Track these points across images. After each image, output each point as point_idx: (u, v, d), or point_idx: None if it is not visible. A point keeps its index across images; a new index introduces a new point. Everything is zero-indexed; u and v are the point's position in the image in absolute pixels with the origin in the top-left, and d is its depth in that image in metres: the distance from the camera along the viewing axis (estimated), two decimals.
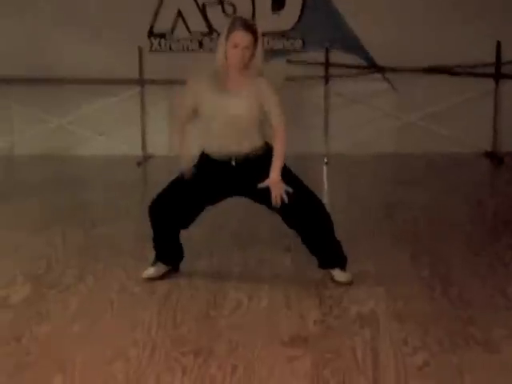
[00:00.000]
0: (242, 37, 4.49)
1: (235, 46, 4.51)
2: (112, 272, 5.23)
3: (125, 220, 6.57)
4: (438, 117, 9.46)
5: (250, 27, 4.53)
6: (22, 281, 5.08)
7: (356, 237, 6.01)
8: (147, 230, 5.00)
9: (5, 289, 4.93)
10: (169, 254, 5.11)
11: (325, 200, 7.61)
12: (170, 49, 9.60)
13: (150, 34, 9.58)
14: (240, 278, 5.08)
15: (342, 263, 5.01)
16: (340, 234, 6.07)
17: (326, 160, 9.04)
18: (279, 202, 4.64)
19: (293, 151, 9.16)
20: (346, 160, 9.21)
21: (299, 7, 9.52)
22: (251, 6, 9.52)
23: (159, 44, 9.60)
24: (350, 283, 4.93)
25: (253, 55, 4.58)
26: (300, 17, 9.53)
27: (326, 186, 8.34)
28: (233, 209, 6.80)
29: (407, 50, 9.29)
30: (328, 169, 8.88)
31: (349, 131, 9.53)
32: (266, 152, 4.77)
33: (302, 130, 9.49)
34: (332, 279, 4.98)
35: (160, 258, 5.10)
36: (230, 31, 4.53)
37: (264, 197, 4.72)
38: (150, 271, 5.07)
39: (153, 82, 9.47)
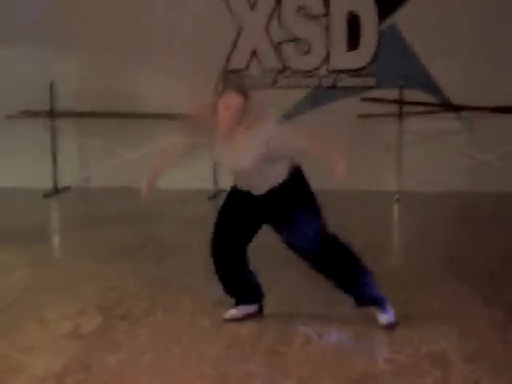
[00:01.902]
0: (232, 99, 4.44)
1: (226, 109, 4.45)
2: (181, 305, 5.25)
3: (195, 254, 6.60)
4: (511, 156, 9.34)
5: (240, 88, 4.50)
6: (94, 311, 5.15)
7: (428, 276, 5.95)
8: None
9: (77, 318, 5.00)
10: (241, 290, 5.01)
11: (395, 238, 7.60)
12: None
13: (225, 70, 9.67)
14: (309, 315, 5.06)
15: (377, 303, 4.85)
16: (411, 272, 6.06)
17: (397, 197, 8.98)
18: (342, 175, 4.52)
19: (364, 188, 9.31)
20: (417, 198, 9.12)
21: (374, 46, 9.53)
22: (326, 45, 9.57)
23: None
24: (391, 326, 4.78)
25: (245, 112, 4.49)
26: (375, 55, 9.54)
27: (396, 224, 8.28)
28: None
29: (481, 88, 9.21)
30: (399, 206, 8.81)
31: (421, 169, 9.46)
32: (290, 179, 4.68)
33: (375, 167, 9.49)
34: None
35: (235, 297, 5.02)
36: (222, 93, 4.50)
37: (280, 228, 4.75)
38: (232, 312, 5.00)
39: None
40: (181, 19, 9.49)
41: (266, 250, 6.27)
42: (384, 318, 4.79)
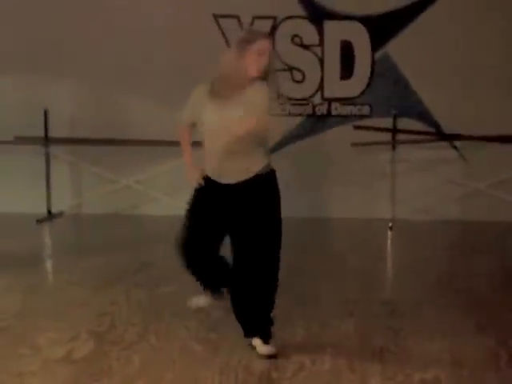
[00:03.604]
0: (267, 44, 4.56)
1: (260, 55, 4.53)
2: (174, 331, 5.24)
3: (188, 279, 6.56)
4: (504, 185, 9.37)
5: (268, 36, 4.75)
6: (86, 337, 5.13)
7: (421, 303, 5.95)
8: None
9: (69, 344, 4.98)
10: (213, 278, 5.04)
11: (388, 265, 7.61)
12: None
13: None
14: (303, 341, 5.05)
15: (264, 334, 4.78)
16: (404, 300, 6.05)
17: (390, 225, 9.00)
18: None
19: (358, 215, 9.32)
20: (410, 226, 9.15)
21: (368, 74, 9.59)
22: (320, 73, 9.62)
23: None
24: (272, 356, 4.72)
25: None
26: (368, 84, 9.59)
27: (389, 252, 8.29)
28: (296, 271, 6.81)
29: (474, 117, 9.26)
30: (392, 234, 8.83)
31: (414, 197, 9.49)
32: (269, 176, 4.69)
33: (368, 195, 9.52)
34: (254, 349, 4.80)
35: (207, 284, 5.07)
36: (250, 41, 4.55)
37: (239, 230, 4.68)
38: (200, 300, 5.09)
39: None
40: (174, 46, 9.52)
41: None
42: (266, 348, 4.76)
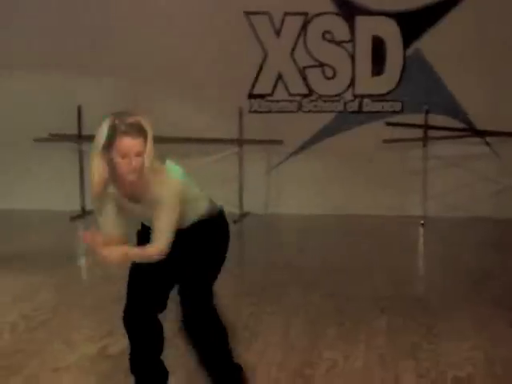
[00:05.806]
0: (130, 144, 3.61)
1: (124, 156, 3.59)
2: None
3: None
4: None
5: (137, 129, 3.68)
6: (121, 332, 5.13)
7: (454, 300, 5.94)
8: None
9: (104, 340, 5.03)
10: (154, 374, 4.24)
11: (420, 262, 7.60)
12: (269, 110, 9.72)
13: (250, 95, 9.72)
14: (336, 338, 5.06)
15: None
16: (436, 297, 6.04)
17: (422, 222, 8.98)
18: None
19: (389, 213, 9.30)
20: (442, 223, 9.12)
21: (399, 70, 9.56)
22: (351, 70, 9.62)
23: (259, 105, 9.73)
24: None
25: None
26: (400, 80, 9.57)
27: (421, 249, 8.28)
28: (327, 268, 6.82)
29: (507, 113, 9.21)
30: (424, 231, 8.81)
31: (446, 194, 9.45)
32: (204, 222, 4.11)
33: (400, 192, 9.50)
34: None
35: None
36: (111, 137, 3.63)
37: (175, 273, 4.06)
38: None
39: (251, 141, 9.56)
40: (207, 45, 9.57)
41: (291, 271, 6.32)
42: None
